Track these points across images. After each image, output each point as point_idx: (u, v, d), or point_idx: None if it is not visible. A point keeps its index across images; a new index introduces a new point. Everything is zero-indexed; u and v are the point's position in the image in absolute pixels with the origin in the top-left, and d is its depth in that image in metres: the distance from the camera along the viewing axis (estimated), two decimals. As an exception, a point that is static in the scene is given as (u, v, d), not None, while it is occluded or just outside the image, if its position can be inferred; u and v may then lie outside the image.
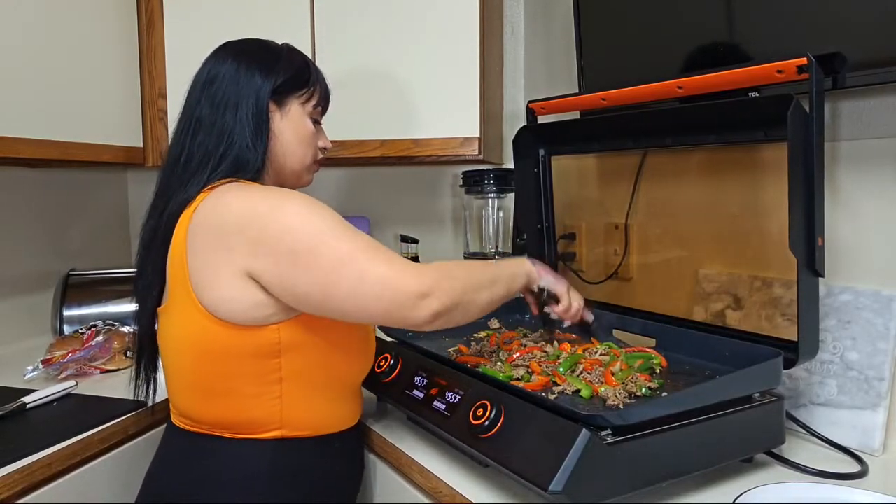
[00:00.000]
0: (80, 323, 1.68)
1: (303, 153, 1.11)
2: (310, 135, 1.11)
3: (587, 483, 0.79)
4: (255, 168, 1.03)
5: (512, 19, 1.85)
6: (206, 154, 1.02)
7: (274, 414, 0.99)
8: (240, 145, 1.02)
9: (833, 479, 0.95)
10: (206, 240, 0.94)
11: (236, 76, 1.04)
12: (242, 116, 1.03)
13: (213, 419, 1.00)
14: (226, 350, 0.95)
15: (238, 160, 1.02)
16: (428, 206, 2.01)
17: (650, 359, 1.09)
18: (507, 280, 1.04)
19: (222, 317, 0.93)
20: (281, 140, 1.07)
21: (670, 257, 1.27)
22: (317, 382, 1.01)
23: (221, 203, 0.94)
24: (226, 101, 1.03)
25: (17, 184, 1.78)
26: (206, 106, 1.04)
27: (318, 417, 1.03)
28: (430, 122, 1.62)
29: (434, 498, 0.99)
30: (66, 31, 1.54)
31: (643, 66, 1.36)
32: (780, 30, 1.11)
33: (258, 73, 1.05)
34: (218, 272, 0.92)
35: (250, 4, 1.70)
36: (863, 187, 1.11)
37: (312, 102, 1.11)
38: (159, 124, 1.77)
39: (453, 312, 0.92)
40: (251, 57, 1.06)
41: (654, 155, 1.29)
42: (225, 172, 1.01)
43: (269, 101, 1.05)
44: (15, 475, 1.01)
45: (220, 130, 1.02)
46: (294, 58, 1.11)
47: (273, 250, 0.90)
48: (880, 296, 1.07)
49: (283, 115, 1.07)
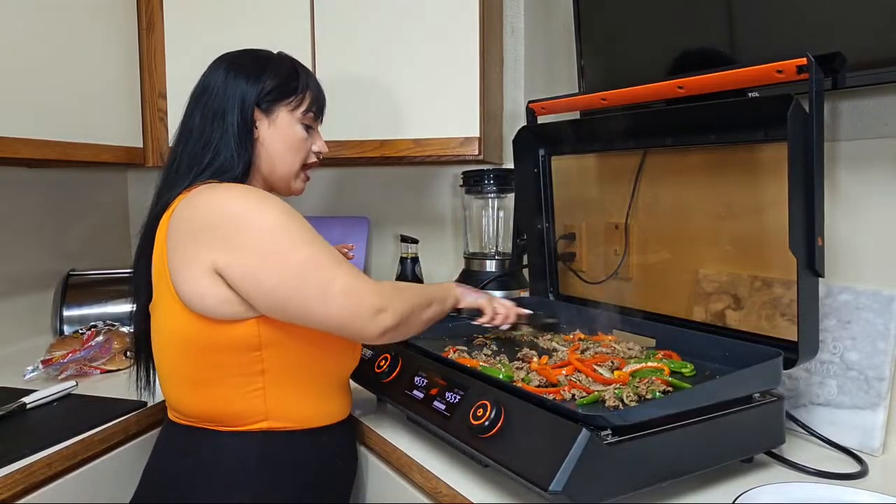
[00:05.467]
0: (80, 323, 1.68)
1: (291, 159, 1.13)
2: (298, 141, 1.13)
3: (587, 483, 0.79)
4: (236, 175, 1.06)
5: (512, 19, 1.85)
6: (192, 160, 1.07)
7: (258, 406, 1.01)
8: (224, 154, 1.06)
9: (833, 479, 0.95)
10: (181, 237, 0.98)
11: (224, 86, 1.09)
12: (228, 125, 1.07)
13: (200, 412, 1.04)
14: (206, 343, 0.99)
15: (222, 167, 1.06)
16: (428, 206, 2.01)
17: (682, 366, 1.06)
18: (441, 301, 1.12)
19: (198, 311, 0.97)
20: (268, 147, 1.11)
21: (670, 257, 1.27)
22: (301, 376, 1.04)
23: (197, 201, 0.98)
24: (214, 111, 1.08)
25: (17, 184, 1.78)
26: (197, 115, 1.09)
27: (304, 410, 1.05)
28: (430, 122, 1.62)
29: (434, 498, 0.99)
30: (66, 31, 1.54)
31: (643, 66, 1.36)
32: (780, 30, 1.11)
33: (244, 82, 1.09)
34: (191, 268, 0.96)
35: (250, 5, 1.70)
36: (863, 187, 1.11)
37: (302, 109, 1.13)
38: (159, 124, 1.78)
39: (401, 328, 0.98)
40: (239, 67, 1.10)
41: (654, 155, 1.29)
42: (207, 177, 1.05)
43: (256, 109, 1.09)
44: (15, 475, 1.01)
45: (207, 139, 1.07)
46: (281, 66, 1.13)
47: (243, 249, 0.94)
48: (880, 296, 1.07)
49: (270, 122, 1.10)
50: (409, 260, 1.82)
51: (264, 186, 1.14)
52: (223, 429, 1.02)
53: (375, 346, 1.23)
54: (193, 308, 0.97)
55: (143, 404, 1.28)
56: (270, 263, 0.93)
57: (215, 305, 0.96)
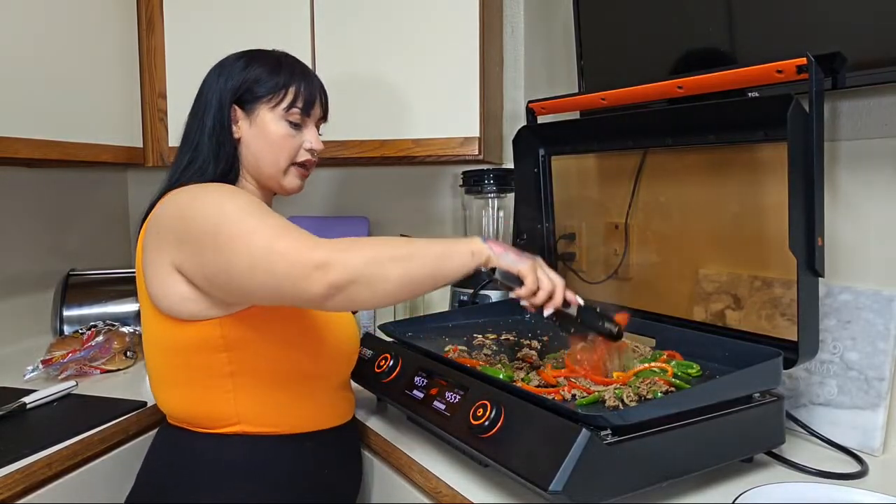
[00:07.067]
0: (80, 323, 1.68)
1: (274, 157, 1.09)
2: (280, 139, 1.09)
3: (587, 483, 0.79)
4: (214, 175, 1.06)
5: (512, 19, 1.85)
6: (178, 161, 1.08)
7: (229, 408, 1.01)
8: (203, 154, 1.07)
9: (833, 479, 0.95)
10: (150, 240, 1.00)
11: (208, 86, 1.10)
12: (206, 125, 1.07)
13: (177, 412, 1.06)
14: (174, 344, 1.01)
15: (200, 168, 1.06)
16: (428, 206, 2.01)
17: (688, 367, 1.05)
18: (437, 256, 0.90)
19: (165, 311, 0.99)
20: (250, 146, 1.09)
21: (670, 257, 1.27)
22: (275, 379, 1.03)
23: (165, 203, 1.00)
24: (197, 113, 1.09)
25: (17, 184, 1.78)
26: (189, 118, 1.11)
27: (281, 415, 1.04)
28: (430, 122, 1.62)
29: (434, 498, 0.99)
30: (66, 31, 1.54)
31: (643, 66, 1.36)
32: (780, 30, 1.11)
33: (224, 81, 1.09)
34: (157, 269, 0.98)
35: (250, 5, 1.70)
36: (863, 187, 1.11)
37: (283, 105, 1.08)
38: (159, 124, 1.77)
39: (354, 286, 0.84)
40: (223, 68, 1.11)
41: (654, 155, 1.29)
42: (188, 178, 1.05)
43: (235, 108, 1.08)
44: (15, 475, 1.01)
45: (192, 139, 1.08)
46: (263, 62, 1.10)
47: (189, 238, 0.94)
48: (880, 296, 1.07)
49: (251, 121, 1.09)
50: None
51: (256, 186, 1.12)
52: (199, 430, 1.03)
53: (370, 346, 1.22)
54: (161, 308, 0.99)
55: (143, 404, 1.28)
56: (209, 245, 0.91)
57: (177, 303, 0.97)
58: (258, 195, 1.12)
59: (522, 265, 0.95)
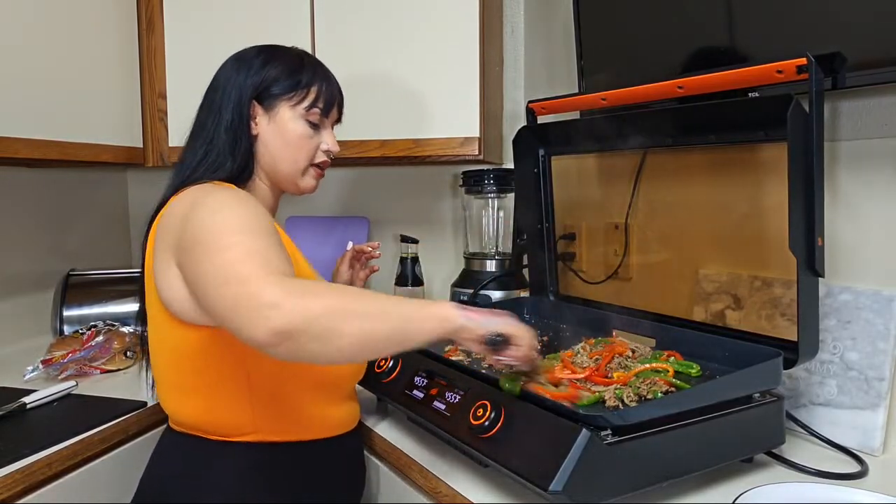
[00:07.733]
0: (80, 323, 1.68)
1: (292, 157, 1.08)
2: (299, 138, 1.08)
3: (587, 483, 0.79)
4: (230, 172, 1.03)
5: (512, 19, 1.85)
6: (191, 158, 1.05)
7: (245, 416, 0.98)
8: (218, 149, 1.04)
9: (833, 479, 0.95)
10: (160, 240, 0.96)
11: (226, 82, 1.07)
12: (224, 121, 1.04)
13: (190, 419, 1.01)
14: (187, 348, 0.97)
15: (214, 164, 1.03)
16: (428, 206, 2.01)
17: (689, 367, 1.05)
18: (402, 319, 0.81)
19: (176, 314, 0.95)
20: (268, 144, 1.07)
21: (670, 257, 1.27)
22: (290, 386, 1.00)
23: (175, 203, 0.97)
24: (213, 106, 1.06)
25: (17, 184, 1.78)
26: (203, 111, 1.08)
27: (293, 423, 1.02)
28: (430, 122, 1.62)
29: (434, 498, 0.99)
30: (65, 31, 1.54)
31: (643, 67, 1.36)
32: (780, 30, 1.11)
33: (244, 75, 1.06)
34: (166, 271, 0.94)
35: (250, 5, 1.70)
36: (863, 187, 1.11)
37: (304, 104, 1.08)
38: (159, 124, 1.77)
39: (303, 337, 0.75)
40: (242, 62, 1.08)
41: (654, 155, 1.29)
42: (200, 175, 1.02)
43: (255, 104, 1.06)
44: (15, 475, 1.01)
45: (207, 135, 1.05)
46: (285, 60, 1.09)
47: (185, 243, 0.90)
48: (880, 296, 1.07)
49: (270, 118, 1.07)
50: (408, 260, 1.81)
51: (270, 185, 1.11)
52: (213, 438, 1.00)
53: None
54: (172, 310, 0.95)
55: (143, 404, 1.28)
56: (192, 253, 0.87)
57: (185, 305, 0.93)
58: (269, 195, 1.11)
59: (512, 327, 0.86)
